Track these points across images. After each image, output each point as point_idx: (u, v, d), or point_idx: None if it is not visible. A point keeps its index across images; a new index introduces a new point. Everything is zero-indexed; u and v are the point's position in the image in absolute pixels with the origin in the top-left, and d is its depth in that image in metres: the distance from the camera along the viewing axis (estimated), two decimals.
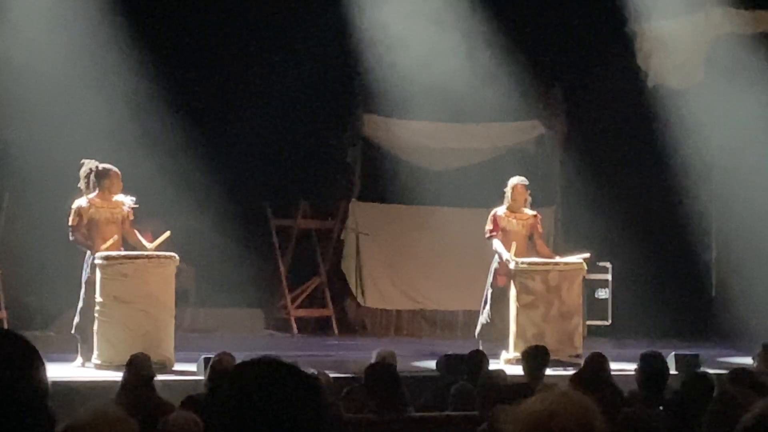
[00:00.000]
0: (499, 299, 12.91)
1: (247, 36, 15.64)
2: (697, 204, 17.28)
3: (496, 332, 12.84)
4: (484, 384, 8.24)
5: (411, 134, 17.63)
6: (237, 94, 15.67)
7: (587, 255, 13.37)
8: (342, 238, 17.68)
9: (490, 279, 13.08)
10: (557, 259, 13.17)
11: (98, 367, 11.09)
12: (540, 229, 13.28)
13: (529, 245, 13.17)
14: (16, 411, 2.07)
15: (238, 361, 8.19)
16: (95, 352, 11.23)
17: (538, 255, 13.09)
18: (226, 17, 15.53)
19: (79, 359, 11.40)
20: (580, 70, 17.47)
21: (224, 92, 15.78)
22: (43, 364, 2.23)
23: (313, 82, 15.96)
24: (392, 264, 17.84)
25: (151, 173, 12.73)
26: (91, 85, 14.29)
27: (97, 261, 11.23)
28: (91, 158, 11.56)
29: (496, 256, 12.96)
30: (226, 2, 15.48)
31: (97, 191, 11.44)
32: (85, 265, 11.41)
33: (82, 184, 11.44)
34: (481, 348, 11.91)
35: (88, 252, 11.36)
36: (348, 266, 17.68)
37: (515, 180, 13.12)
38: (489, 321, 12.99)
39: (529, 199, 13.13)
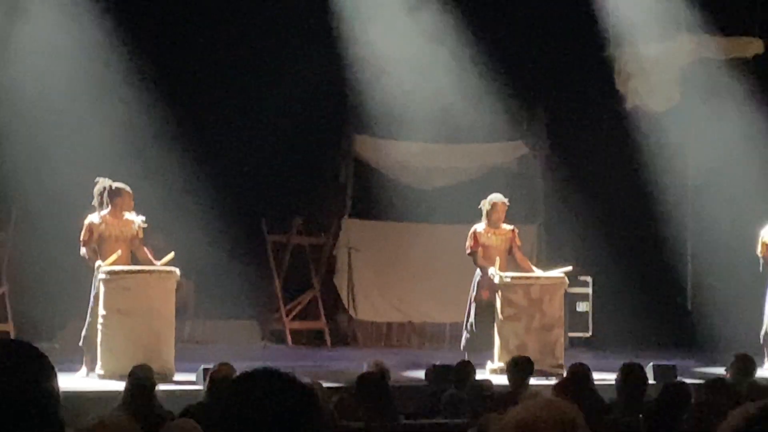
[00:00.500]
0: (482, 311, 12.92)
1: (245, 61, 15.65)
2: (674, 221, 17.31)
3: (480, 343, 12.84)
4: (471, 392, 8.24)
5: (400, 154, 17.64)
6: (235, 117, 15.67)
7: (569, 268, 13.38)
8: (334, 253, 17.68)
9: (472, 293, 13.09)
10: (539, 273, 13.19)
11: (102, 377, 11.08)
12: (518, 242, 13.27)
13: (509, 259, 13.19)
14: (31, 418, 2.08)
15: (235, 371, 8.20)
16: (98, 363, 11.23)
17: (519, 267, 13.11)
18: (225, 44, 15.54)
19: (84, 369, 11.40)
20: (561, 93, 17.50)
21: (223, 115, 15.78)
22: (55, 373, 2.24)
23: (307, 104, 15.97)
24: (382, 278, 17.84)
25: (152, 191, 12.70)
26: (96, 108, 14.31)
27: (101, 275, 11.24)
28: (97, 176, 11.60)
29: (478, 270, 12.99)
30: (223, 30, 15.47)
31: (109, 209, 11.46)
32: (94, 281, 11.40)
33: (95, 201, 11.48)
34: (466, 358, 11.94)
35: (96, 267, 11.37)
36: (340, 280, 17.67)
37: (495, 197, 13.12)
38: (473, 333, 13.00)
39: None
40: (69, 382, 10.47)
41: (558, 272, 13.22)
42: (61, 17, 14.39)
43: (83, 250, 11.41)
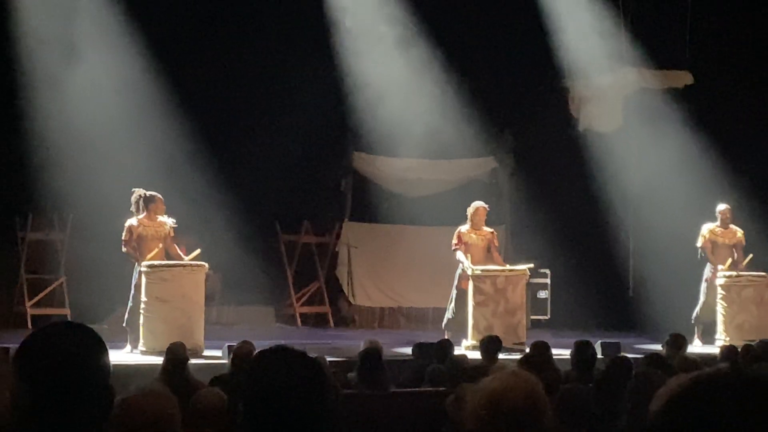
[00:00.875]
0: (462, 299, 12.96)
1: (263, 92, 15.65)
2: (619, 224, 17.33)
3: (458, 324, 12.88)
4: (451, 366, 8.24)
5: (392, 168, 17.66)
6: (254, 137, 15.69)
7: (531, 265, 13.44)
8: (336, 250, 17.68)
9: (455, 282, 13.12)
10: (507, 267, 13.25)
11: (143, 353, 11.09)
12: (496, 243, 13.37)
13: (487, 256, 13.22)
14: (88, 388, 2.08)
15: (255, 348, 8.18)
16: (141, 341, 11.23)
17: (494, 263, 13.16)
18: (246, 78, 15.57)
19: (128, 347, 11.40)
20: (525, 117, 17.50)
21: (244, 136, 15.81)
22: (106, 350, 2.24)
23: (314, 127, 15.98)
24: (376, 271, 17.83)
25: (187, 200, 12.72)
26: (137, 132, 14.35)
27: (142, 268, 11.27)
28: (139, 187, 11.68)
29: (460, 264, 13.02)
30: (244, 66, 15.48)
31: (144, 213, 11.52)
32: (134, 273, 11.46)
33: (133, 208, 11.54)
34: (446, 337, 11.95)
35: (136, 262, 11.42)
36: (341, 273, 17.67)
37: (478, 204, 13.23)
38: (453, 316, 13.05)
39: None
40: (116, 357, 10.46)
41: (521, 266, 13.27)
42: (107, 58, 14.47)
43: (124, 249, 11.48)
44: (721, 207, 14.03)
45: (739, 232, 14.00)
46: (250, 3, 15.74)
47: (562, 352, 10.07)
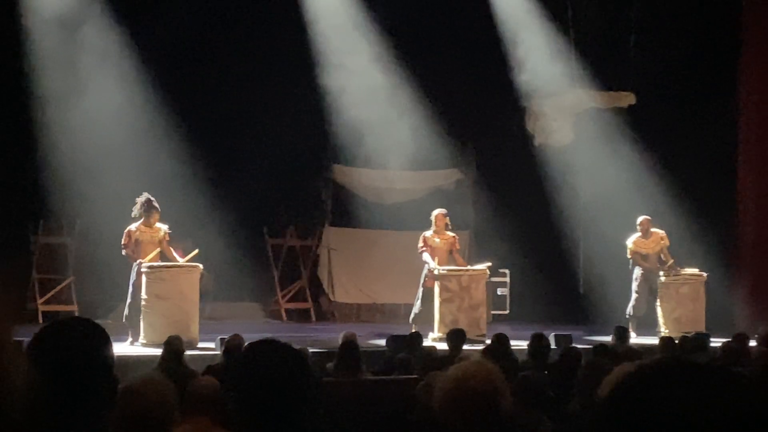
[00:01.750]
0: (428, 296, 12.99)
1: (252, 111, 15.64)
2: (570, 228, 17.39)
3: (423, 319, 12.91)
4: (421, 356, 8.24)
5: (367, 178, 17.66)
6: (244, 152, 15.67)
7: (489, 264, 13.48)
8: (318, 252, 17.66)
9: (421, 281, 13.15)
10: (468, 267, 13.29)
11: (144, 345, 11.06)
12: (457, 246, 13.41)
13: (450, 257, 13.26)
14: (94, 378, 2.07)
15: (245, 340, 8.15)
16: (141, 334, 11.19)
17: (456, 265, 13.20)
18: (237, 100, 15.52)
19: (129, 339, 11.36)
20: (487, 132, 17.53)
21: (235, 151, 15.80)
22: (111, 343, 2.23)
23: (297, 142, 15.99)
24: (354, 271, 17.82)
25: (183, 208, 12.69)
26: (139, 148, 14.32)
27: (143, 269, 11.25)
28: (138, 195, 11.71)
29: (426, 265, 13.05)
30: (235, 89, 15.44)
31: (143, 219, 11.53)
32: (132, 273, 11.43)
33: (136, 210, 11.57)
34: (413, 330, 11.97)
35: (134, 263, 11.39)
36: (322, 272, 17.65)
37: (437, 211, 13.30)
38: (419, 311, 13.08)
39: (450, 224, 13.27)
40: (119, 349, 10.42)
41: (481, 266, 13.31)
42: (110, 79, 14.44)
43: (124, 251, 11.50)
44: (640, 219, 14.08)
45: (661, 235, 14.04)
46: (240, 23, 15.76)
47: (519, 343, 10.11)
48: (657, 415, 0.99)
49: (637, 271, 14.07)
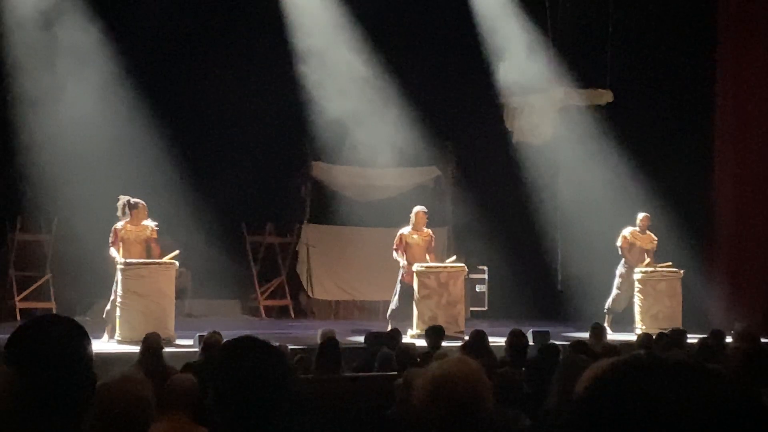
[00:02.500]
0: (405, 293, 13.01)
1: (233, 110, 15.64)
2: (549, 225, 17.44)
3: (401, 315, 12.92)
4: (400, 352, 8.24)
5: (346, 176, 17.66)
6: (224, 150, 15.70)
7: (454, 257, 13.53)
8: (297, 249, 17.65)
9: (399, 278, 13.18)
10: (447, 264, 13.33)
11: (120, 342, 11.00)
12: (432, 244, 13.41)
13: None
14: (72, 375, 2.07)
15: (223, 337, 8.14)
16: (117, 332, 11.14)
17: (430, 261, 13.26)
18: (218, 98, 15.48)
19: (106, 336, 11.30)
20: (466, 130, 17.57)
21: (216, 149, 15.81)
22: (89, 340, 2.23)
23: (277, 139, 16.00)
24: (333, 268, 17.82)
25: (163, 206, 12.63)
26: (120, 146, 14.25)
27: (120, 266, 11.18)
28: (121, 194, 11.67)
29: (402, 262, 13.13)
30: (216, 88, 15.38)
31: (129, 218, 11.48)
32: (116, 272, 11.36)
33: (119, 212, 11.52)
34: (390, 326, 11.99)
35: (119, 261, 11.31)
36: (301, 269, 17.63)
37: (418, 208, 13.28)
38: (396, 307, 13.09)
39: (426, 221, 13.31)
40: (96, 346, 10.34)
41: (450, 260, 13.34)
42: (87, 76, 14.34)
43: (112, 250, 11.42)
44: (641, 215, 14.34)
45: (654, 239, 14.29)
46: (219, 20, 15.74)
47: (497, 340, 10.11)
48: (631, 411, 0.99)
49: (621, 268, 14.23)
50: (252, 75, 15.42)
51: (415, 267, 12.86)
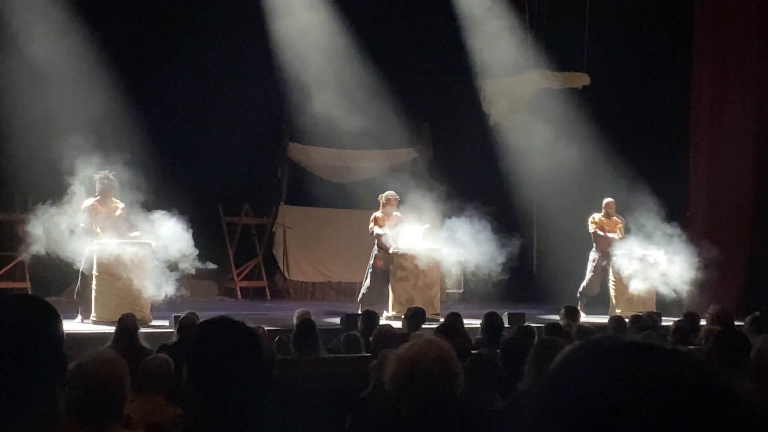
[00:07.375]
0: (377, 276, 13.03)
1: (211, 90, 15.62)
2: (524, 207, 17.49)
3: (373, 298, 12.93)
4: (377, 334, 8.26)
5: (323, 157, 17.64)
6: (202, 130, 15.66)
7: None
8: (273, 230, 17.63)
9: (371, 261, 13.18)
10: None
11: (95, 322, 10.96)
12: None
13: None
14: (42, 355, 2.06)
15: (199, 318, 8.13)
16: (92, 312, 11.09)
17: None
18: (196, 79, 15.49)
19: (79, 317, 11.25)
20: (442, 112, 17.58)
21: (194, 129, 15.78)
22: (60, 320, 2.21)
23: (254, 121, 15.90)
24: (309, 249, 17.83)
25: (140, 185, 12.54)
26: (92, 120, 14.12)
27: (95, 246, 11.12)
28: (97, 174, 11.57)
29: (376, 244, 13.09)
30: (194, 69, 15.38)
31: (99, 197, 11.40)
32: (86, 250, 11.28)
33: (97, 187, 11.42)
34: (360, 309, 11.99)
35: (89, 239, 11.24)
36: (277, 251, 17.63)
37: (390, 193, 13.26)
38: (367, 291, 13.10)
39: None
40: (70, 326, 10.33)
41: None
42: (54, 44, 14.12)
43: (82, 226, 11.30)
44: (607, 200, 14.33)
45: (620, 223, 14.30)
46: (198, 1, 15.62)
47: (473, 322, 10.14)
48: (597, 392, 1.00)
49: (593, 254, 14.27)
50: (229, 56, 15.37)
51: (392, 249, 12.86)
